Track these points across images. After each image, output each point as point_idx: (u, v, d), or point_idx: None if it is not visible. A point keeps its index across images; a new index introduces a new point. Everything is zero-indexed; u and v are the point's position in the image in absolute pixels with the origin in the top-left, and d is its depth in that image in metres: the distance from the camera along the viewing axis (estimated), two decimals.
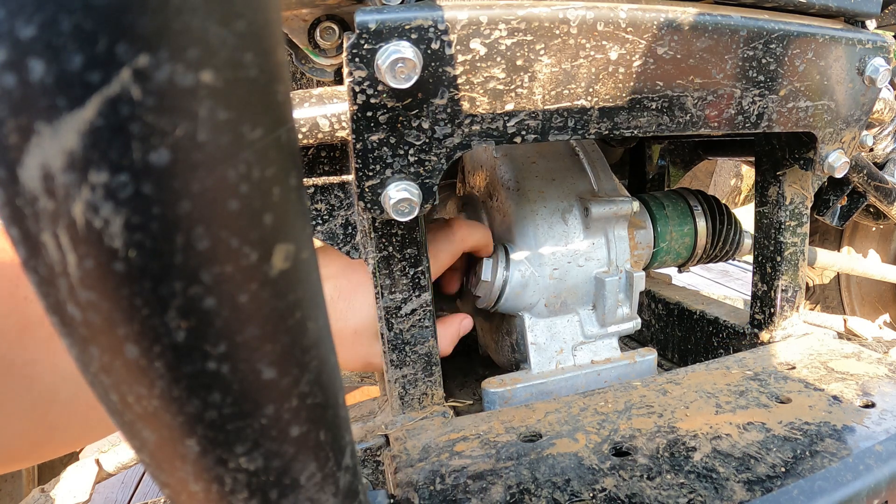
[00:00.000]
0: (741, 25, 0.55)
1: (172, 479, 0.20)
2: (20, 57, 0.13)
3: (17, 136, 0.14)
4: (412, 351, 0.61)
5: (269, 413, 0.20)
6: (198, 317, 0.17)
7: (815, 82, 0.60)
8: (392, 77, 0.44)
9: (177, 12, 0.14)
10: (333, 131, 0.50)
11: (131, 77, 0.14)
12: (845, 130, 0.66)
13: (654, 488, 0.45)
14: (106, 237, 0.15)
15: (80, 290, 0.16)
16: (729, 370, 0.66)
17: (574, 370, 0.71)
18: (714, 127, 0.58)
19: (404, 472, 0.50)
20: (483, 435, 0.55)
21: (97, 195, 0.15)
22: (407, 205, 0.49)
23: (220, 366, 0.18)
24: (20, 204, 0.15)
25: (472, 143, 0.50)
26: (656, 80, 0.53)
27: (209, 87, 0.15)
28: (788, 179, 0.75)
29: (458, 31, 0.46)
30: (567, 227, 0.71)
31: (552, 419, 0.57)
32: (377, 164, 0.49)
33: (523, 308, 0.72)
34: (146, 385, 0.18)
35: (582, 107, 0.52)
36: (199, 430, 0.19)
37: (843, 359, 0.67)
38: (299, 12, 0.53)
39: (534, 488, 0.46)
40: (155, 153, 0.15)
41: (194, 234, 0.16)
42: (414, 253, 0.58)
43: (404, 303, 0.59)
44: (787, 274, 0.77)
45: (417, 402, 0.62)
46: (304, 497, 0.23)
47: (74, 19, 0.13)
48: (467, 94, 0.48)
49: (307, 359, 0.21)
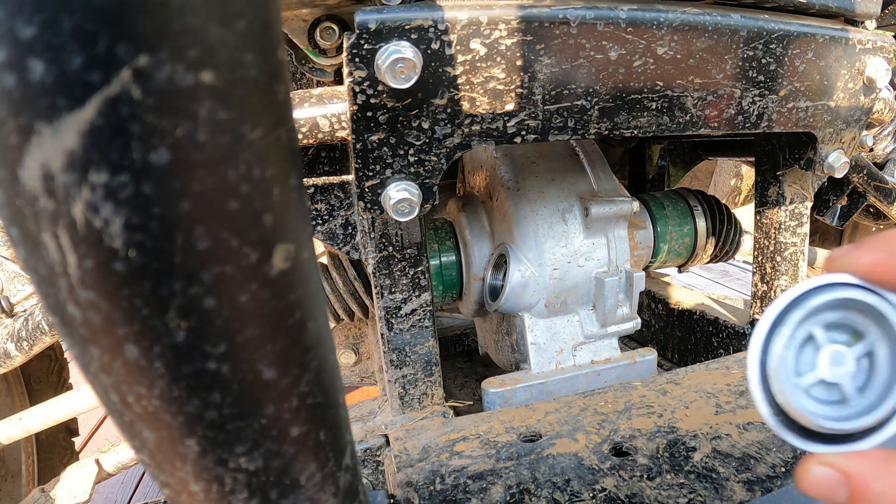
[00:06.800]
0: (741, 25, 0.55)
1: (172, 479, 0.20)
2: (20, 57, 0.13)
3: (18, 136, 0.14)
4: (412, 351, 0.61)
5: (269, 413, 0.20)
6: (198, 317, 0.17)
7: (814, 82, 0.60)
8: (392, 77, 0.44)
9: (177, 12, 0.14)
10: (333, 131, 0.50)
11: (131, 77, 0.14)
12: (845, 130, 0.66)
13: (654, 488, 0.45)
14: (106, 237, 0.15)
15: (80, 290, 0.16)
16: (729, 370, 0.66)
17: (574, 370, 0.71)
18: (714, 127, 0.58)
19: (404, 472, 0.50)
20: (483, 435, 0.55)
21: (97, 195, 0.15)
22: (407, 205, 0.49)
23: (220, 366, 0.18)
24: (20, 204, 0.15)
25: (472, 143, 0.50)
26: (656, 80, 0.53)
27: (209, 87, 0.15)
28: (788, 179, 0.75)
29: (458, 31, 0.46)
30: (567, 227, 0.71)
31: (552, 419, 0.57)
32: (377, 164, 0.49)
33: (523, 308, 0.72)
34: (146, 385, 0.18)
35: (582, 107, 0.52)
36: (199, 431, 0.19)
37: None
38: (299, 12, 0.53)
39: (534, 488, 0.46)
40: (155, 153, 0.15)
41: (194, 234, 0.16)
42: (414, 253, 0.58)
43: (404, 303, 0.59)
44: (787, 274, 0.77)
45: (417, 403, 0.62)
46: (304, 497, 0.23)
47: (74, 19, 0.13)
48: (467, 94, 0.48)
49: (307, 359, 0.21)
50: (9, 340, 0.79)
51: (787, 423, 0.29)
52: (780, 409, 0.29)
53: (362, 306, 0.80)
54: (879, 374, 0.29)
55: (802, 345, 0.30)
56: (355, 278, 0.78)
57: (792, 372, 0.30)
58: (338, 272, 0.78)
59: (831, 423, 0.28)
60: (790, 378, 0.29)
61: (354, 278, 0.78)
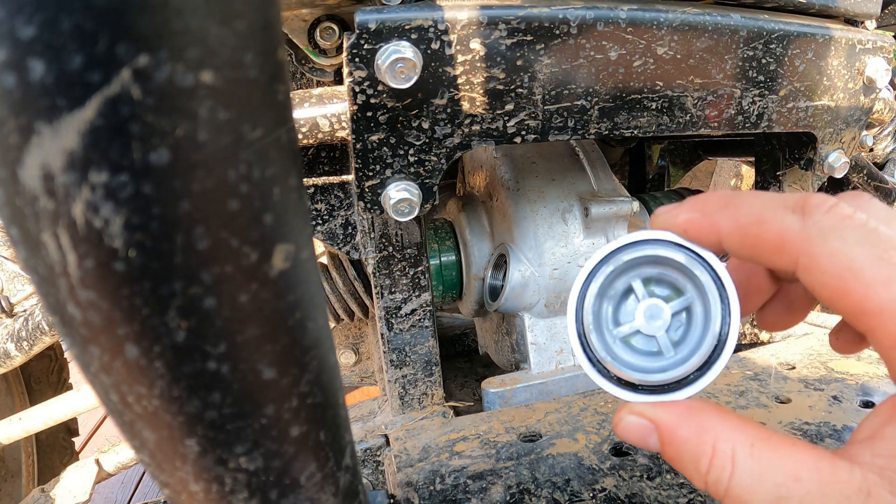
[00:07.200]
0: (741, 25, 0.55)
1: (172, 479, 0.20)
2: (20, 57, 0.13)
3: (18, 136, 0.14)
4: (412, 351, 0.61)
5: (269, 413, 0.20)
6: (198, 317, 0.17)
7: (814, 82, 0.60)
8: (392, 77, 0.44)
9: (177, 12, 0.14)
10: (333, 131, 0.50)
11: (131, 77, 0.14)
12: (845, 130, 0.66)
13: (654, 488, 0.45)
14: (106, 237, 0.15)
15: (80, 290, 0.16)
16: (729, 370, 0.66)
17: (574, 370, 0.71)
18: (714, 127, 0.58)
19: (404, 472, 0.50)
20: (483, 435, 0.55)
21: (97, 195, 0.15)
22: (407, 205, 0.49)
23: (220, 366, 0.18)
24: (20, 204, 0.15)
25: (472, 143, 0.50)
26: (656, 80, 0.53)
27: (209, 87, 0.15)
28: (788, 179, 0.75)
29: (458, 31, 0.46)
30: (567, 227, 0.71)
31: (552, 419, 0.57)
32: (377, 164, 0.49)
33: (523, 308, 0.72)
34: (146, 385, 0.18)
35: (582, 107, 0.52)
36: (199, 430, 0.19)
37: (843, 359, 0.67)
38: (299, 12, 0.53)
39: (534, 488, 0.46)
40: (155, 153, 0.15)
41: (194, 234, 0.16)
42: (414, 253, 0.58)
43: (404, 303, 0.59)
44: None
45: (417, 403, 0.62)
46: (304, 497, 0.23)
47: (74, 19, 0.13)
48: (467, 94, 0.48)
49: (307, 359, 0.21)
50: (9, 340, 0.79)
51: (605, 373, 0.30)
52: (598, 360, 0.30)
53: (362, 306, 0.80)
54: (694, 329, 0.29)
55: (623, 297, 0.31)
56: (355, 278, 0.78)
57: (611, 322, 0.30)
58: (338, 272, 0.78)
59: (642, 375, 0.29)
60: (606, 328, 0.30)
61: (354, 278, 0.78)
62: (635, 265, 0.30)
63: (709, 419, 0.27)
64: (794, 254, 0.25)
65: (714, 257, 0.29)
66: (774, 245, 0.26)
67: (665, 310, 0.29)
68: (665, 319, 0.29)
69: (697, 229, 0.28)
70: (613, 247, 0.30)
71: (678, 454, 0.27)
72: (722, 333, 0.28)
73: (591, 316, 0.30)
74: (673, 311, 0.30)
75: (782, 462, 0.24)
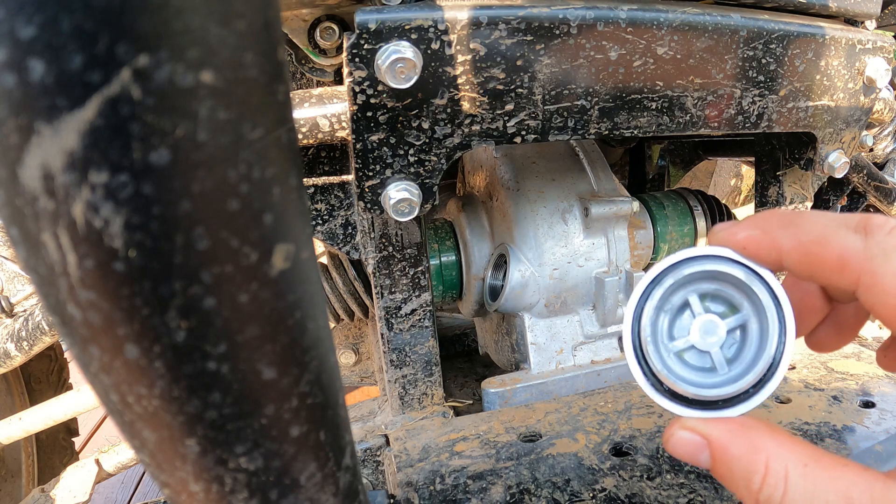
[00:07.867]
0: (741, 25, 0.55)
1: (172, 479, 0.20)
2: (20, 57, 0.13)
3: (18, 136, 0.14)
4: (412, 351, 0.61)
5: (269, 413, 0.20)
6: (198, 317, 0.17)
7: (814, 82, 0.60)
8: (392, 77, 0.44)
9: (177, 12, 0.14)
10: (333, 131, 0.50)
11: (131, 77, 0.14)
12: (845, 130, 0.66)
13: (654, 488, 0.45)
14: (106, 237, 0.15)
15: (80, 290, 0.16)
16: None
17: (574, 370, 0.71)
18: (714, 127, 0.58)
19: (404, 472, 0.50)
20: (483, 435, 0.55)
21: (97, 195, 0.15)
22: (407, 205, 0.49)
23: (220, 366, 0.18)
24: (20, 204, 0.15)
25: (472, 143, 0.50)
26: (656, 80, 0.53)
27: (209, 87, 0.15)
28: (788, 179, 0.75)
29: (458, 31, 0.46)
30: (567, 227, 0.71)
31: (552, 419, 0.57)
32: (377, 164, 0.49)
33: (523, 308, 0.72)
34: (146, 385, 0.18)
35: (582, 107, 0.52)
36: (199, 430, 0.19)
37: (843, 359, 0.67)
38: (299, 12, 0.53)
39: (534, 488, 0.46)
40: (155, 153, 0.15)
41: (194, 234, 0.16)
42: (414, 253, 0.58)
43: (404, 303, 0.59)
44: None
45: (417, 402, 0.62)
46: (304, 497, 0.23)
47: (74, 19, 0.13)
48: (467, 94, 0.48)
49: (307, 359, 0.21)
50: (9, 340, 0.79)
51: (658, 386, 0.30)
52: (652, 373, 0.30)
53: (362, 306, 0.80)
54: (749, 346, 0.29)
55: (680, 312, 0.31)
56: (355, 278, 0.78)
57: (666, 336, 0.30)
58: (338, 272, 0.78)
59: (696, 390, 0.28)
60: (661, 342, 0.30)
61: (354, 278, 0.78)
62: (692, 280, 0.30)
63: (761, 437, 0.27)
64: (856, 272, 0.26)
65: (772, 276, 0.29)
66: (836, 264, 0.26)
67: (720, 326, 0.29)
68: (720, 336, 0.29)
69: (757, 247, 0.28)
70: (673, 260, 0.30)
71: (729, 471, 0.27)
72: (777, 352, 0.28)
73: (650, 328, 0.29)
74: (728, 328, 0.30)
75: (835, 482, 0.24)
